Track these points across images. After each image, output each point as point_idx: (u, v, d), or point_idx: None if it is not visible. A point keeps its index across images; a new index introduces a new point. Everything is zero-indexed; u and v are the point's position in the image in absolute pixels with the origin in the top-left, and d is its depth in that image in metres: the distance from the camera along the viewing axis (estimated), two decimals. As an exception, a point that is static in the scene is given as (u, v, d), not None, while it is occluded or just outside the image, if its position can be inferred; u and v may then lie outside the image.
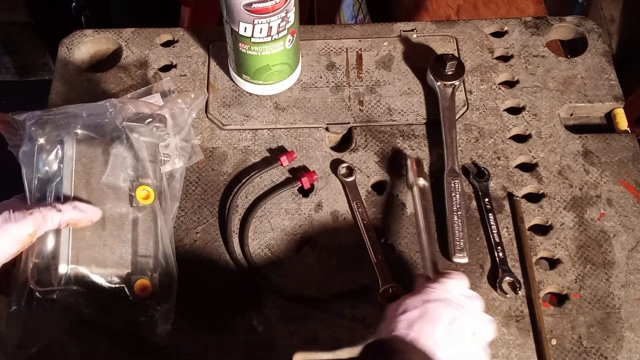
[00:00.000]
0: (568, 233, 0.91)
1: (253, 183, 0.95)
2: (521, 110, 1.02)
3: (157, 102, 0.98)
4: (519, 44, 1.08)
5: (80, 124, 0.82)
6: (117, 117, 0.83)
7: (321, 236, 0.91)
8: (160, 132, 0.84)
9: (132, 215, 0.80)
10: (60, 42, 1.08)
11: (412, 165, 0.91)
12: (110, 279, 0.77)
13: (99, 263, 0.76)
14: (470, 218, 0.92)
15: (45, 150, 0.79)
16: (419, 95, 1.04)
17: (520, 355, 0.83)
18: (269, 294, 0.87)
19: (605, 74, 1.05)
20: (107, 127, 0.83)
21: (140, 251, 0.80)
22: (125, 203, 0.80)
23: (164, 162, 0.87)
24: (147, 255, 0.80)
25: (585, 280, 0.88)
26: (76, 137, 0.81)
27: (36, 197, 0.78)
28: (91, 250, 0.76)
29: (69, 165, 0.78)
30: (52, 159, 0.79)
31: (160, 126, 0.84)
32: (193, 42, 1.09)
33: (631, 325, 0.85)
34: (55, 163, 0.79)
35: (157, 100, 0.99)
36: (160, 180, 0.85)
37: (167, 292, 0.81)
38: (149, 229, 0.81)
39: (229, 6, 0.89)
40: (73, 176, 0.78)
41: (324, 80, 1.05)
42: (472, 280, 0.88)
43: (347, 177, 0.94)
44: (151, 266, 0.80)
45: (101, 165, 0.80)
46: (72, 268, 0.74)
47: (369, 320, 0.85)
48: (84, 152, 0.80)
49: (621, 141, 0.99)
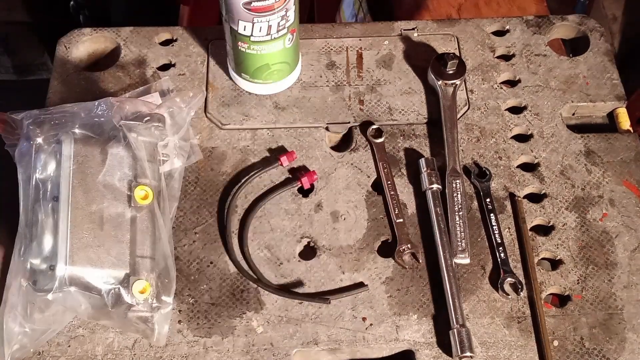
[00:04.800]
0: (570, 233, 0.91)
1: (252, 183, 0.95)
2: (523, 109, 1.02)
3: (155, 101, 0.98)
4: (521, 43, 1.08)
5: (78, 124, 0.82)
6: (115, 116, 0.82)
7: (321, 236, 0.91)
8: (159, 131, 0.84)
9: (130, 215, 0.80)
10: (58, 41, 1.07)
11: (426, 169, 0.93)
12: (108, 279, 0.77)
13: (96, 264, 0.76)
14: (471, 218, 0.92)
15: (42, 149, 0.79)
16: (420, 94, 1.03)
17: (522, 356, 0.82)
18: (269, 294, 0.86)
19: (608, 73, 1.05)
20: (105, 127, 0.83)
21: (138, 252, 0.79)
22: (123, 203, 0.80)
23: (163, 161, 0.87)
24: (145, 256, 0.80)
25: (587, 281, 0.87)
26: (74, 136, 0.80)
27: (33, 197, 0.78)
28: (88, 250, 0.76)
29: (66, 164, 0.78)
30: (49, 159, 0.79)
31: (158, 125, 0.84)
32: (192, 41, 1.08)
33: (633, 326, 0.84)
34: (52, 163, 0.79)
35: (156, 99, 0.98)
36: (159, 180, 0.84)
37: (165, 293, 0.80)
38: (147, 229, 0.81)
39: (228, 5, 0.89)
40: (70, 176, 0.77)
41: (324, 79, 1.04)
42: (473, 281, 0.87)
43: (376, 139, 0.97)
44: (149, 267, 0.80)
45: (99, 164, 0.80)
46: (69, 269, 0.74)
47: (369, 321, 0.85)
48: (82, 151, 0.79)
49: (623, 141, 0.98)
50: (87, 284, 0.75)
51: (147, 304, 0.78)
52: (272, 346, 0.83)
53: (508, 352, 0.82)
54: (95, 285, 0.76)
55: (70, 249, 0.74)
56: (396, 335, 0.84)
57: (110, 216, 0.78)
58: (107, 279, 0.76)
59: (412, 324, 0.84)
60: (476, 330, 0.84)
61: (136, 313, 0.78)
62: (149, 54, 1.06)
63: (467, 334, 0.81)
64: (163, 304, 0.80)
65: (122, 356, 0.82)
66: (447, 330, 0.82)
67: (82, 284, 0.75)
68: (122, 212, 0.79)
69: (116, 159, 0.80)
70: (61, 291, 0.73)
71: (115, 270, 0.77)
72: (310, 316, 0.85)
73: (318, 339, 0.84)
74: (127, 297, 0.77)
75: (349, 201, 0.93)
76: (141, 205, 0.80)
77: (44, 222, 0.76)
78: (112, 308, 0.77)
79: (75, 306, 0.76)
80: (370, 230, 0.91)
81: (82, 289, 0.75)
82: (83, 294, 0.75)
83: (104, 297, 0.76)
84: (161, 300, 0.79)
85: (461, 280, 0.87)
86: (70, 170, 0.78)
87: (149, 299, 0.78)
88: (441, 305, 0.85)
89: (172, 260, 0.82)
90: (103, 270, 0.76)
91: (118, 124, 0.81)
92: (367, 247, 0.90)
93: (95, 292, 0.76)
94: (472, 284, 0.87)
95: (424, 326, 0.84)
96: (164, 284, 0.80)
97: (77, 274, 0.75)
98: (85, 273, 0.75)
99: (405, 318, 0.85)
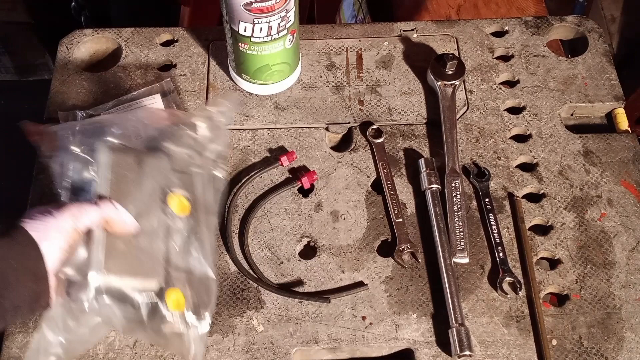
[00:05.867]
0: (568, 233, 0.91)
1: (253, 183, 0.95)
2: (522, 110, 1.02)
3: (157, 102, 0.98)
4: (520, 43, 1.08)
5: (114, 134, 0.81)
6: (151, 126, 0.81)
7: (321, 236, 0.91)
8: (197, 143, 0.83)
9: (166, 225, 0.78)
10: (59, 42, 1.08)
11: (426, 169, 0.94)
12: (142, 291, 0.74)
13: (131, 274, 0.74)
14: (470, 218, 0.92)
15: (78, 159, 0.78)
16: (419, 95, 1.03)
17: (520, 355, 0.83)
18: (269, 293, 0.87)
19: (606, 74, 1.05)
20: (142, 137, 0.82)
21: (175, 264, 0.77)
22: (158, 213, 0.78)
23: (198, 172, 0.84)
24: (181, 268, 0.77)
25: (585, 281, 0.88)
26: (110, 146, 0.79)
27: None
28: (123, 261, 0.74)
29: (102, 174, 0.77)
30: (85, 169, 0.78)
31: (195, 136, 0.82)
32: (193, 42, 1.08)
33: (632, 325, 0.84)
34: (88, 173, 0.78)
35: (157, 100, 0.99)
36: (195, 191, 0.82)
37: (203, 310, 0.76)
38: (185, 242, 0.78)
39: (228, 6, 0.89)
40: (106, 186, 0.76)
41: (324, 80, 1.05)
42: (472, 280, 0.88)
43: (376, 139, 0.98)
44: (184, 280, 0.76)
45: (135, 174, 0.78)
46: (104, 279, 0.72)
47: (368, 320, 0.85)
48: (118, 161, 0.78)
49: (622, 141, 0.99)
50: (121, 294, 0.73)
51: (182, 319, 0.75)
52: (273, 345, 0.83)
53: (507, 351, 0.83)
54: (129, 295, 0.73)
55: (106, 259, 0.72)
56: (395, 334, 0.84)
57: (146, 226, 0.76)
58: (141, 290, 0.74)
59: (412, 323, 0.85)
60: (475, 329, 0.84)
61: (171, 328, 0.75)
62: (150, 55, 1.07)
63: (466, 333, 0.81)
64: (200, 321, 0.76)
65: (123, 355, 0.82)
66: (446, 329, 0.83)
67: (116, 295, 0.73)
68: (158, 222, 0.77)
69: (152, 169, 0.78)
70: (96, 301, 0.71)
71: (149, 281, 0.74)
72: (310, 315, 0.85)
73: (318, 338, 0.84)
74: (162, 310, 0.74)
75: (348, 201, 0.94)
76: (177, 215, 0.78)
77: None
78: (147, 320, 0.74)
79: (110, 317, 0.73)
80: (369, 230, 0.92)
81: (116, 300, 0.73)
82: (118, 305, 0.73)
83: (138, 308, 0.74)
84: (199, 317, 0.76)
85: (460, 280, 0.87)
86: (105, 180, 0.76)
87: (184, 314, 0.75)
88: (440, 305, 0.85)
89: (213, 276, 0.78)
90: (137, 280, 0.74)
91: (155, 135, 0.81)
92: (367, 247, 0.90)
93: (129, 303, 0.73)
94: (471, 283, 0.88)
95: (423, 325, 0.85)
96: (202, 300, 0.77)
97: (112, 283, 0.72)
98: (120, 282, 0.73)
99: (405, 317, 0.85)
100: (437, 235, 0.89)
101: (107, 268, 0.72)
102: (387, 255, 0.90)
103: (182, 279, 0.77)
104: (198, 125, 0.84)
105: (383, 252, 0.90)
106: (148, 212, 0.77)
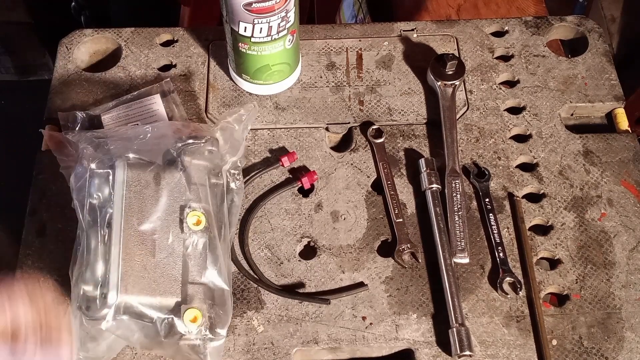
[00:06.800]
0: (569, 233, 0.91)
1: (253, 183, 0.95)
2: (522, 110, 1.02)
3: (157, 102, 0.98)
4: (520, 43, 1.08)
5: (132, 148, 0.81)
6: (170, 140, 0.81)
7: (321, 236, 0.91)
8: (214, 155, 0.82)
9: (183, 241, 0.78)
10: (59, 42, 1.08)
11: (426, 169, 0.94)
12: (160, 308, 0.74)
13: (149, 292, 0.74)
14: (470, 218, 0.92)
15: (96, 175, 0.78)
16: (419, 95, 1.04)
17: (520, 355, 0.83)
18: (269, 294, 0.87)
19: (606, 74, 1.05)
20: (160, 151, 0.81)
21: (191, 279, 0.77)
22: (175, 229, 0.78)
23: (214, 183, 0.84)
24: (199, 283, 0.77)
25: (585, 281, 0.88)
26: (128, 161, 0.79)
27: (88, 222, 0.77)
28: (140, 278, 0.74)
29: (119, 191, 0.77)
30: (103, 184, 0.78)
31: (213, 149, 0.82)
32: (193, 42, 1.08)
33: (632, 325, 0.84)
34: (106, 188, 0.78)
35: (157, 100, 0.99)
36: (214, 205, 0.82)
37: (219, 325, 0.77)
38: (200, 256, 0.78)
39: (228, 6, 0.89)
40: (123, 202, 0.76)
41: (324, 80, 1.05)
42: (472, 280, 0.88)
43: (376, 139, 0.98)
44: (202, 295, 0.77)
45: (152, 190, 0.78)
46: (121, 297, 0.72)
47: (368, 320, 0.85)
48: (135, 177, 0.78)
49: (622, 141, 0.99)
50: (139, 312, 0.73)
51: (199, 334, 0.75)
52: (273, 345, 0.83)
53: (507, 351, 0.83)
54: (147, 313, 0.73)
55: (124, 277, 0.73)
56: (396, 334, 0.84)
57: (163, 243, 0.76)
58: (159, 307, 0.74)
59: (412, 323, 0.85)
60: (475, 329, 0.84)
61: (187, 341, 0.75)
62: (150, 55, 1.07)
63: (466, 333, 0.81)
64: (216, 335, 0.76)
65: (123, 355, 0.82)
66: (447, 329, 0.83)
67: (134, 312, 0.73)
68: (174, 238, 0.77)
69: (170, 184, 0.78)
70: (114, 319, 0.71)
71: (166, 298, 0.74)
72: (311, 315, 0.85)
73: (318, 338, 0.84)
74: (180, 327, 0.74)
75: (348, 201, 0.94)
76: (195, 231, 0.78)
77: (97, 248, 0.75)
78: (165, 338, 0.74)
79: (128, 335, 0.74)
80: (370, 230, 0.92)
81: (134, 317, 0.73)
82: (136, 323, 0.73)
83: (156, 325, 0.74)
84: (215, 332, 0.76)
85: (460, 280, 0.88)
86: (123, 197, 0.76)
87: (202, 329, 0.75)
88: (440, 305, 0.85)
89: (229, 291, 0.79)
90: (154, 298, 0.74)
91: (172, 148, 0.80)
92: (367, 247, 0.90)
93: (147, 320, 0.74)
94: (471, 283, 0.88)
95: (423, 325, 0.85)
96: (218, 314, 0.77)
97: (129, 302, 0.73)
98: (137, 301, 0.73)
99: (405, 317, 0.85)
100: (437, 235, 0.89)
101: (125, 289, 0.73)
102: (387, 255, 0.90)
103: (198, 293, 0.77)
104: (216, 139, 0.84)
105: (383, 252, 0.90)
106: (164, 228, 0.77)
